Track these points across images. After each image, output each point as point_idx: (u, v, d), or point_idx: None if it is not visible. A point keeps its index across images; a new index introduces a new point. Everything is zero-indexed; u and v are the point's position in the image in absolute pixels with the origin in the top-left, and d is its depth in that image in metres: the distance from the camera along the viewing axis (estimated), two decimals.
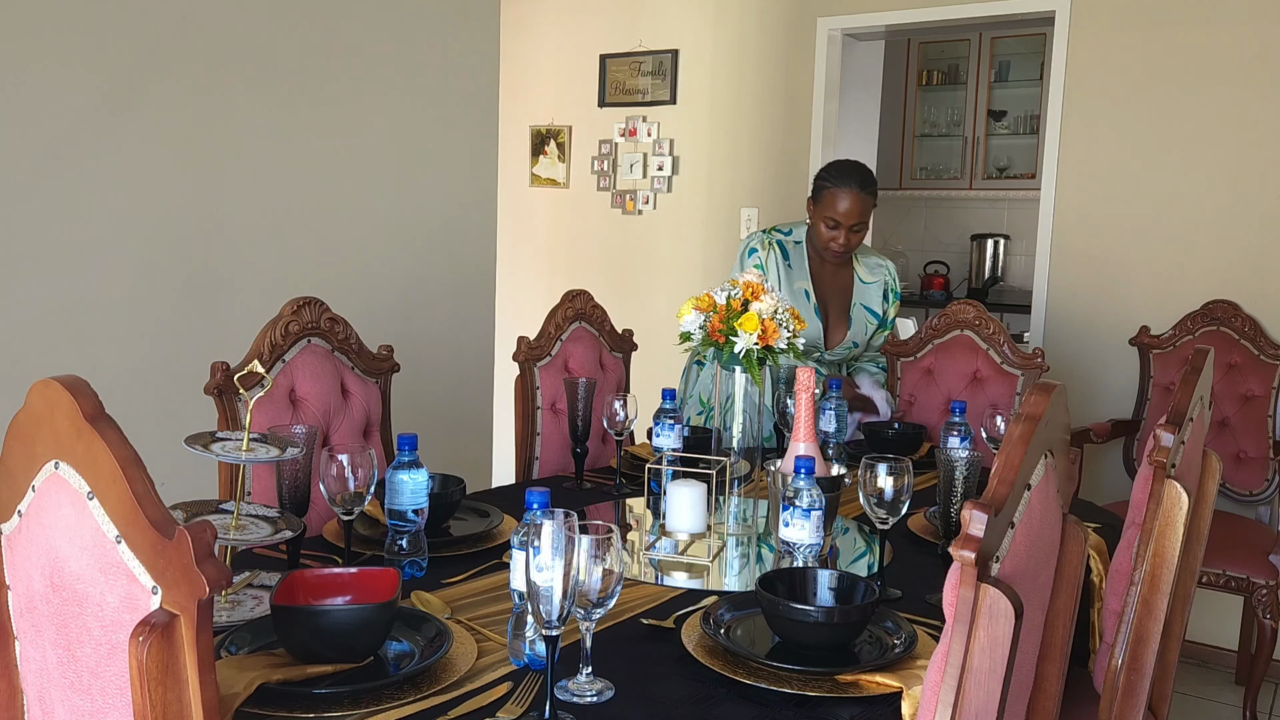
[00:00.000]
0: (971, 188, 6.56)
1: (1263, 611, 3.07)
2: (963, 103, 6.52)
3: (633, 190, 5.09)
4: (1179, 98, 3.70)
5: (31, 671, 1.22)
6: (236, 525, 1.58)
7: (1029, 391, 1.28)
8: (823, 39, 4.49)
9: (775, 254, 3.02)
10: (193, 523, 1.00)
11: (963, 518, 1.11)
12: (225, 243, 2.88)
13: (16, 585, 1.22)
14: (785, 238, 3.08)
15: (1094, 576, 1.88)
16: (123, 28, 2.61)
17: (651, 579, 1.83)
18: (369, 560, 1.83)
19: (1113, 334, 3.83)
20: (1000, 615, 1.11)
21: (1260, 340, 3.52)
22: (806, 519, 1.72)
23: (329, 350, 2.25)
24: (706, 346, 2.20)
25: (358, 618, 1.37)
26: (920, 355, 3.27)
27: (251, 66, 2.90)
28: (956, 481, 1.81)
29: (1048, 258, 3.99)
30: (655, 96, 4.99)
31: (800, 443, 2.03)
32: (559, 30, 5.29)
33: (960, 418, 2.43)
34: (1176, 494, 1.66)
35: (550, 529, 1.25)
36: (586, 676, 1.37)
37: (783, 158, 4.66)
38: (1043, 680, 1.47)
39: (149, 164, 2.70)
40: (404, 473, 1.75)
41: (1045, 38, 5.56)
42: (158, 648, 0.98)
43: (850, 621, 1.48)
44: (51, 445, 1.11)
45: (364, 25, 3.20)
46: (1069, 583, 1.47)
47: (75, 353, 2.55)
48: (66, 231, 2.55)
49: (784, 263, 3.03)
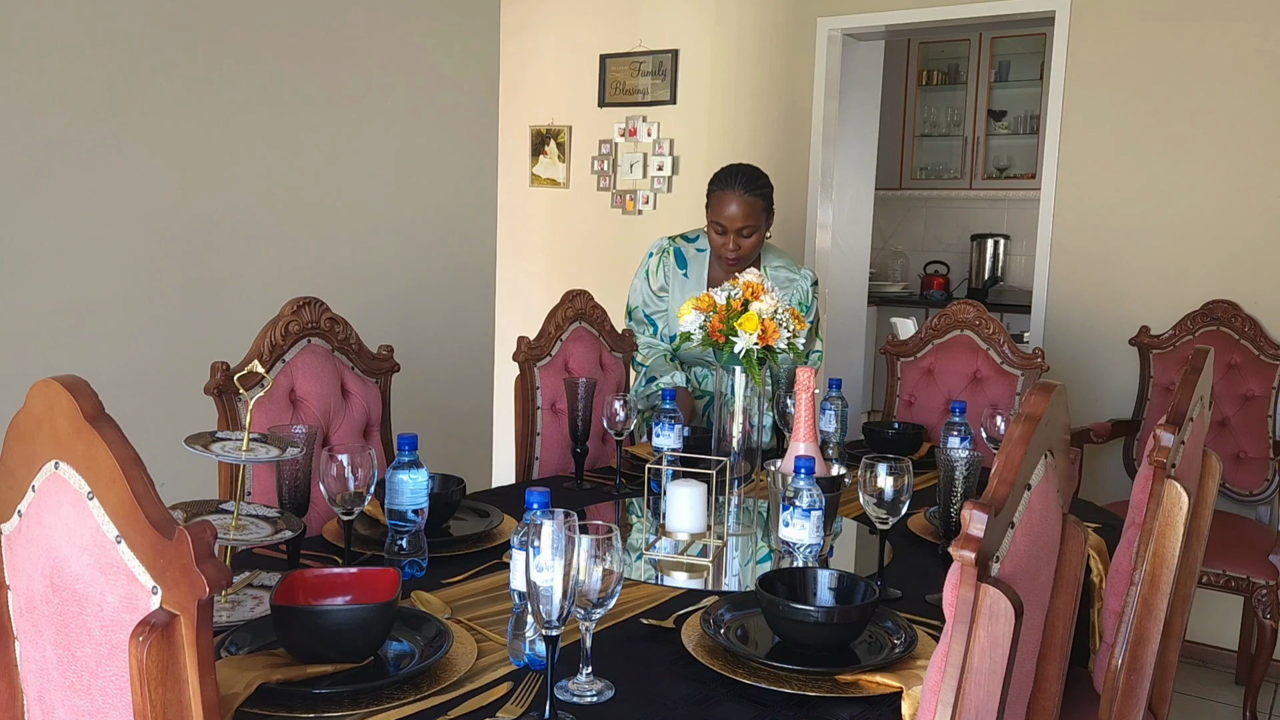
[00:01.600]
0: (971, 188, 6.56)
1: (1263, 611, 3.07)
2: (963, 103, 6.52)
3: (633, 190, 5.09)
4: (1179, 98, 3.70)
5: (31, 671, 1.22)
6: (236, 525, 1.58)
7: (1029, 391, 1.28)
8: (823, 39, 4.48)
9: (669, 260, 3.00)
10: (193, 523, 1.00)
11: (963, 518, 1.11)
12: (225, 243, 2.88)
13: (16, 585, 1.22)
14: (687, 244, 3.03)
15: (1094, 576, 1.88)
16: (122, 28, 2.61)
17: (651, 579, 1.83)
18: (369, 560, 1.83)
19: (1113, 334, 3.83)
20: (1000, 615, 1.11)
21: (1260, 340, 3.52)
22: (806, 519, 1.72)
23: (329, 350, 2.25)
24: (706, 346, 2.20)
25: (358, 618, 1.37)
26: (920, 355, 3.27)
27: (252, 67, 2.90)
28: (956, 481, 1.80)
29: (1048, 258, 3.99)
30: (655, 96, 4.99)
31: (800, 443, 2.03)
32: (559, 30, 5.29)
33: (960, 418, 2.43)
34: (1176, 494, 1.66)
35: (550, 529, 1.25)
36: (586, 676, 1.37)
37: (783, 158, 4.66)
38: (1043, 680, 1.47)
39: (149, 164, 2.70)
40: (404, 473, 1.75)
41: (1045, 38, 5.56)
42: (158, 648, 0.98)
43: (850, 621, 1.48)
44: (51, 445, 1.11)
45: (364, 25, 3.20)
46: (1069, 583, 1.47)
47: (75, 353, 2.55)
48: (66, 231, 2.55)
49: (679, 270, 2.99)
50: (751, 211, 2.82)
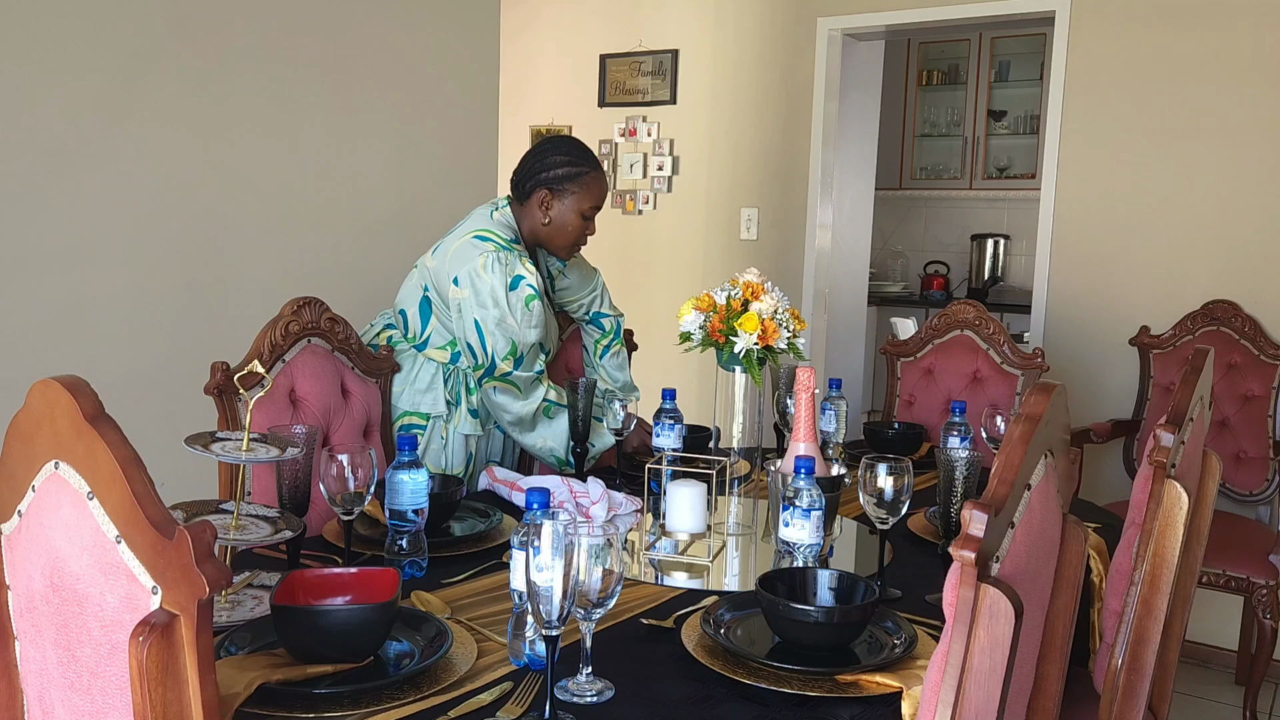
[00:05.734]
0: (971, 188, 6.56)
1: (1263, 611, 3.07)
2: (963, 103, 6.52)
3: (633, 190, 5.09)
4: (1179, 97, 3.70)
5: (31, 671, 1.22)
6: (236, 525, 1.58)
7: (1029, 391, 1.28)
8: (823, 39, 4.48)
9: (537, 272, 2.39)
10: (193, 523, 1.00)
11: (963, 518, 1.11)
12: (225, 243, 2.88)
13: (16, 585, 1.22)
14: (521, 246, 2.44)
15: (1094, 576, 1.88)
16: (121, 28, 2.61)
17: (651, 579, 1.83)
18: (369, 560, 1.83)
19: (1113, 334, 3.83)
20: (1000, 615, 1.11)
21: (1260, 340, 3.52)
22: (806, 519, 1.72)
23: (329, 350, 2.25)
24: (706, 346, 2.20)
25: (358, 618, 1.37)
26: (920, 355, 3.27)
27: (252, 67, 2.90)
28: (956, 481, 1.80)
29: (1048, 258, 3.99)
30: (655, 96, 4.99)
31: (800, 443, 2.03)
32: (559, 30, 5.29)
33: (960, 418, 2.43)
34: (1176, 494, 1.66)
35: (550, 529, 1.25)
36: (586, 676, 1.37)
37: (783, 158, 4.66)
38: (1043, 680, 1.47)
39: (149, 164, 2.70)
40: (404, 473, 1.75)
41: (1045, 38, 5.56)
42: (158, 648, 0.98)
43: (850, 621, 1.48)
44: (51, 445, 1.11)
45: (365, 26, 3.20)
46: (1069, 583, 1.47)
47: (75, 353, 2.55)
48: (66, 231, 2.55)
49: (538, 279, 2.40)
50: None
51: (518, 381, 2.37)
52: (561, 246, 2.49)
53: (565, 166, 2.44)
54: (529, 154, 2.51)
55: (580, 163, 2.45)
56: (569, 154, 2.46)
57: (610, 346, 2.80)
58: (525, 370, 2.37)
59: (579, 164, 2.44)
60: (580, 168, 2.44)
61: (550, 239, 2.47)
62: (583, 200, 2.44)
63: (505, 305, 2.31)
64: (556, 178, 2.43)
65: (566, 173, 2.43)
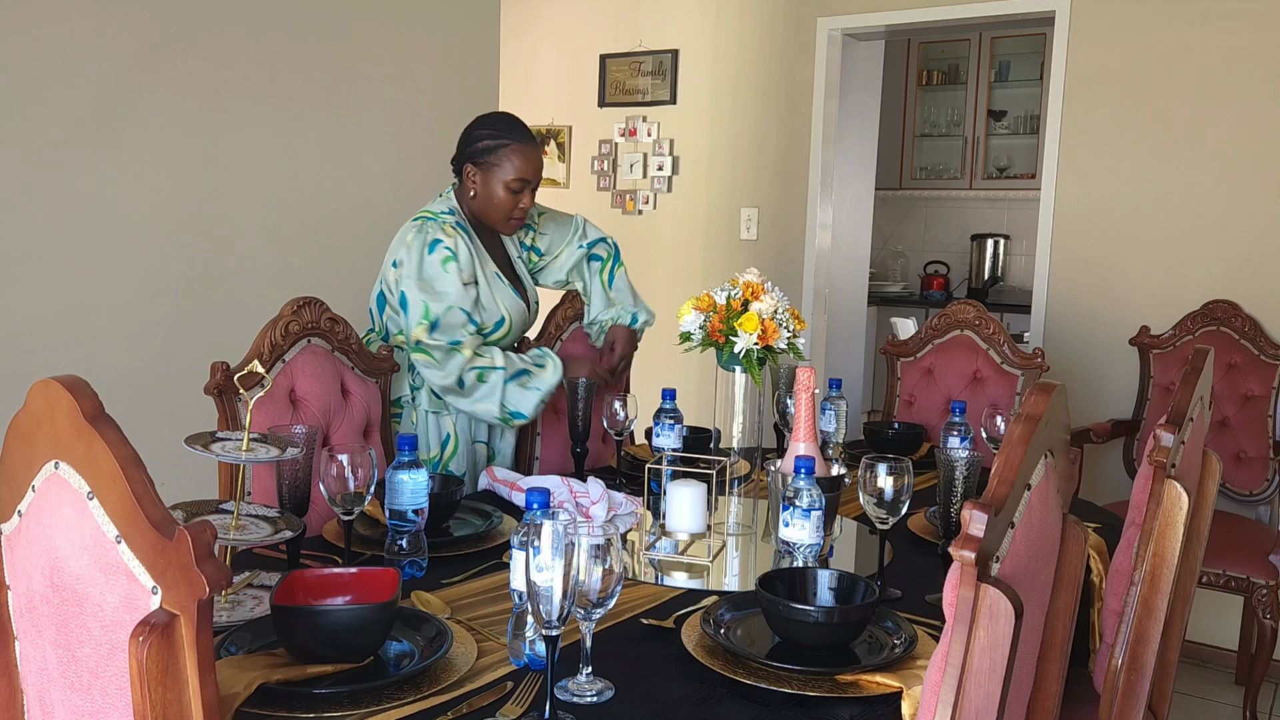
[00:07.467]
0: (971, 188, 6.56)
1: (1263, 611, 3.07)
2: (963, 103, 6.52)
3: (633, 190, 5.09)
4: (1179, 97, 3.70)
5: (31, 671, 1.22)
6: (236, 525, 1.58)
7: (1029, 391, 1.28)
8: (823, 39, 4.48)
9: (463, 240, 2.40)
10: (193, 523, 1.00)
11: (963, 518, 1.11)
12: (225, 243, 2.88)
13: (16, 585, 1.22)
14: (455, 218, 2.44)
15: (1094, 576, 1.88)
16: (121, 28, 2.61)
17: (651, 579, 1.83)
18: (369, 560, 1.83)
19: (1113, 334, 3.83)
20: (1000, 615, 1.11)
21: (1260, 340, 3.52)
22: (806, 519, 1.72)
23: (329, 350, 2.25)
24: (706, 346, 2.20)
25: (358, 618, 1.37)
26: (920, 355, 3.27)
27: (251, 67, 2.90)
28: (956, 481, 1.80)
29: (1048, 258, 3.99)
30: (655, 96, 4.99)
31: (800, 443, 2.03)
32: (559, 30, 5.29)
33: (960, 418, 2.43)
34: (1176, 494, 1.66)
35: (550, 529, 1.25)
36: (586, 676, 1.37)
37: (783, 158, 4.66)
38: (1043, 680, 1.47)
39: (149, 164, 2.70)
40: (404, 473, 1.75)
41: (1045, 38, 5.56)
42: (158, 648, 0.98)
43: (850, 621, 1.48)
44: (51, 445, 1.11)
45: (364, 26, 3.20)
46: (1069, 583, 1.47)
47: (75, 353, 2.55)
48: (66, 231, 2.55)
49: (473, 248, 2.43)
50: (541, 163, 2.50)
51: (431, 350, 2.35)
52: (495, 220, 2.47)
53: (487, 139, 2.42)
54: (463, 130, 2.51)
55: (502, 135, 2.42)
56: (493, 127, 2.45)
57: (614, 270, 2.79)
58: (441, 337, 2.34)
59: (500, 136, 2.42)
60: (501, 140, 2.41)
61: (484, 213, 2.47)
62: (505, 172, 2.41)
63: (417, 266, 2.34)
64: (479, 150, 2.43)
65: (487, 145, 2.42)
